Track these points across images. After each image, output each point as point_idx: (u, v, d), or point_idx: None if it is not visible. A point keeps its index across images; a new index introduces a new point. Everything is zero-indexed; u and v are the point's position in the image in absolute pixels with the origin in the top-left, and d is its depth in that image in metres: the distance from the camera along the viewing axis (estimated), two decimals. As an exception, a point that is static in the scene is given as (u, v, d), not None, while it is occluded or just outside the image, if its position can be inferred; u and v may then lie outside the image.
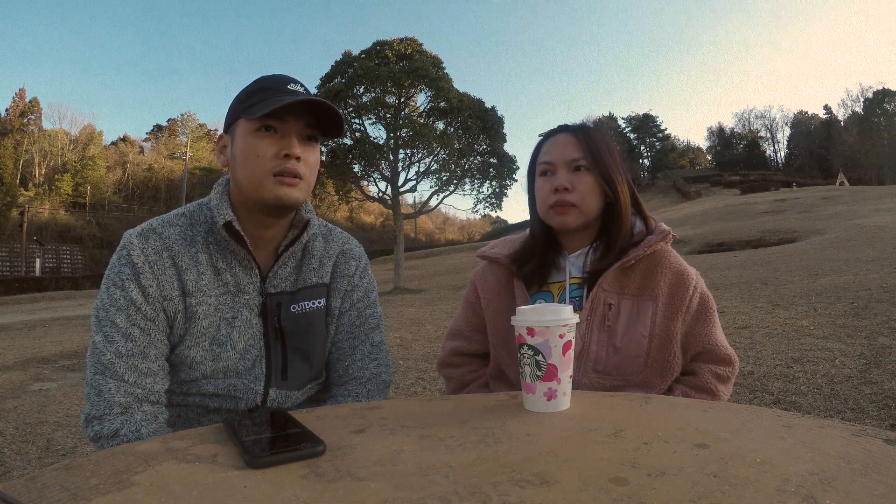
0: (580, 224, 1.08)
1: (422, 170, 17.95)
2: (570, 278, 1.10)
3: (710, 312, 1.07)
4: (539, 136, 1.18)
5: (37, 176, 50.46)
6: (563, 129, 1.13)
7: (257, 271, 0.98)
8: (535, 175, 1.14)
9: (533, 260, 1.12)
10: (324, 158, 17.58)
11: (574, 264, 1.12)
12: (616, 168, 1.08)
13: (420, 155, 17.72)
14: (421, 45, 18.45)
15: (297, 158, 0.92)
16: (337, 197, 18.89)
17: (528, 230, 1.20)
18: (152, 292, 0.91)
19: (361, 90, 17.15)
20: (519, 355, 0.76)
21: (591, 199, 1.07)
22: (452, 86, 17.55)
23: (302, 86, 0.95)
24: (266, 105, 0.88)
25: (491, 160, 18.32)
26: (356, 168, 17.63)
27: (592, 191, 1.07)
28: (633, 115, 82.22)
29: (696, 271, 1.10)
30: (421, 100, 18.34)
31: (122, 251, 0.93)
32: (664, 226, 1.10)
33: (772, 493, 0.46)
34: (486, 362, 1.21)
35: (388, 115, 17.34)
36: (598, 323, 1.04)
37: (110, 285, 0.91)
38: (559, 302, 1.09)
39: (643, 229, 1.11)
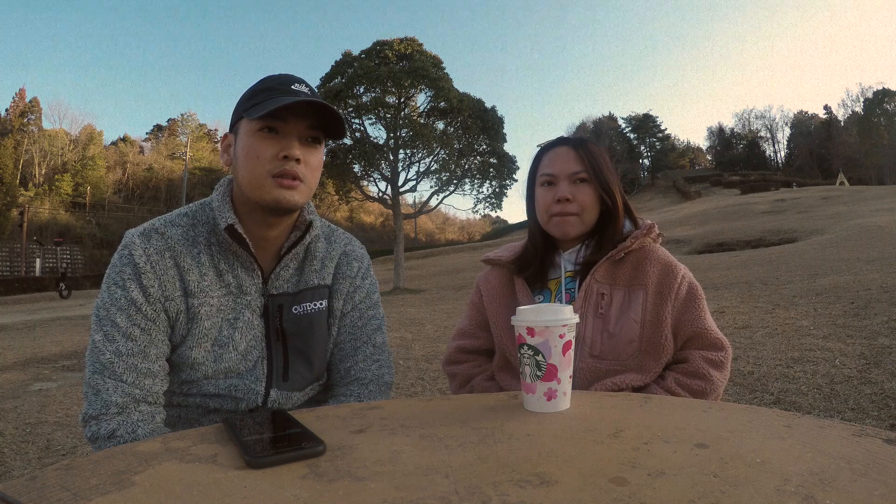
0: (580, 233, 1.16)
1: (422, 170, 17.95)
2: (564, 273, 1.17)
3: (698, 299, 1.11)
4: (537, 147, 1.25)
5: (37, 176, 50.44)
6: (563, 142, 1.20)
7: (259, 273, 0.98)
8: (534, 185, 1.21)
9: (533, 266, 1.18)
10: (324, 158, 17.54)
11: (569, 261, 1.18)
12: (612, 178, 1.16)
13: (420, 155, 17.71)
14: (421, 45, 18.42)
15: (298, 160, 0.91)
16: (337, 197, 18.87)
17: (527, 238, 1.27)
18: (153, 292, 0.91)
19: (361, 90, 17.13)
20: (519, 355, 0.77)
21: (591, 209, 1.14)
22: (452, 86, 17.54)
23: (307, 86, 0.94)
24: (266, 106, 0.88)
25: (491, 160, 18.30)
26: (356, 168, 17.62)
27: (592, 200, 1.14)
28: (633, 115, 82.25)
29: (683, 266, 1.15)
30: (421, 100, 18.34)
31: (123, 251, 0.92)
32: (648, 221, 1.17)
33: (772, 493, 0.46)
34: (491, 358, 1.25)
35: (388, 115, 17.32)
36: (592, 310, 1.10)
37: (111, 284, 0.91)
38: (556, 296, 1.16)
39: (632, 229, 1.18)
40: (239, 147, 0.94)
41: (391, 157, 17.38)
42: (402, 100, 17.51)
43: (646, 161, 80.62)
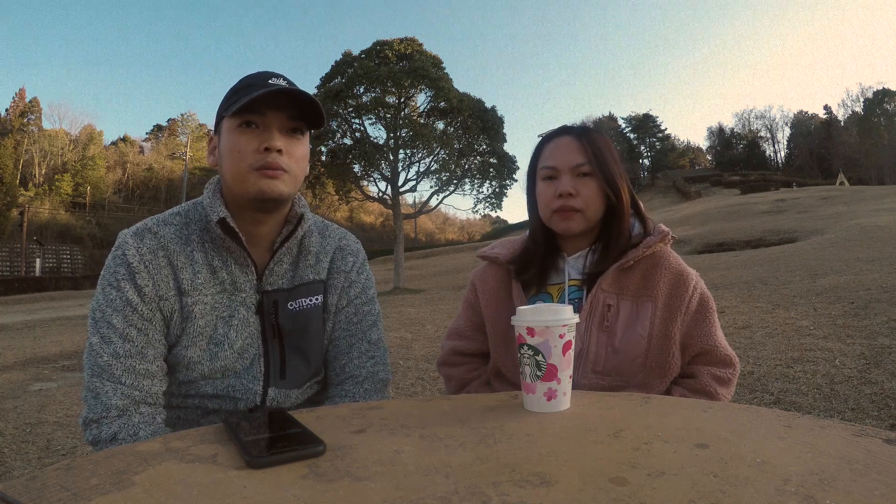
0: (584, 229, 1.08)
1: (422, 170, 17.96)
2: (568, 280, 1.10)
3: (709, 313, 1.06)
4: (539, 136, 1.16)
5: (37, 176, 50.42)
6: (565, 131, 1.11)
7: (253, 268, 0.97)
8: (535, 178, 1.13)
9: (534, 266, 1.11)
10: (324, 158, 17.59)
11: (573, 266, 1.11)
12: (618, 170, 1.08)
13: (420, 155, 17.72)
14: (421, 45, 18.42)
15: (279, 151, 0.91)
16: (337, 197, 18.87)
17: (527, 232, 1.19)
18: (148, 292, 0.90)
19: (361, 90, 17.13)
20: (519, 355, 0.76)
21: (595, 204, 1.06)
22: (452, 86, 17.53)
23: (284, 79, 0.94)
24: (243, 101, 0.88)
25: (491, 160, 18.30)
26: (356, 168, 17.63)
27: (597, 195, 1.06)
28: (633, 115, 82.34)
29: (695, 272, 1.09)
30: (421, 100, 18.35)
31: (117, 251, 0.92)
32: (663, 227, 1.09)
33: (772, 493, 0.46)
34: (487, 361, 1.20)
35: (388, 115, 17.31)
36: (598, 324, 1.03)
37: (106, 286, 0.91)
38: (558, 303, 1.08)
39: (641, 231, 1.11)
40: (222, 146, 0.94)
41: (391, 157, 17.37)
42: (402, 100, 17.51)
43: (646, 161, 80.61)
